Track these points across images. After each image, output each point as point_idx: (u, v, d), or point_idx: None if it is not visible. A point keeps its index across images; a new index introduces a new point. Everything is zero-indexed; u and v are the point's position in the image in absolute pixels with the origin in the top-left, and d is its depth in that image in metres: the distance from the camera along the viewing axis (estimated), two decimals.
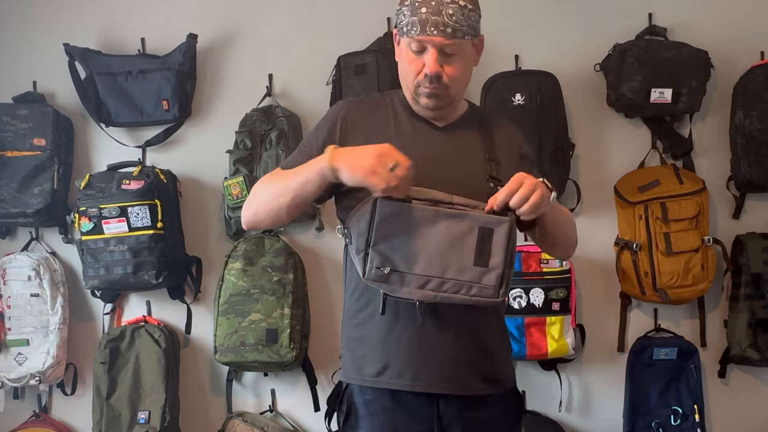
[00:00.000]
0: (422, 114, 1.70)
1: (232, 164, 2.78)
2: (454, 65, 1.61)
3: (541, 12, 2.85)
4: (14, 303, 2.85)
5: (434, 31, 1.57)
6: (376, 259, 1.55)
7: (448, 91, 1.64)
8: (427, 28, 1.57)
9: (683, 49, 2.65)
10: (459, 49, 1.61)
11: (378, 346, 1.62)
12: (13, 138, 2.85)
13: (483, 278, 1.53)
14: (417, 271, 1.54)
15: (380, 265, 1.54)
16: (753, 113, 2.62)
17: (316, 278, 2.85)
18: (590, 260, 2.75)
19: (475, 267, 1.53)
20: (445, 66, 1.61)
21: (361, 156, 1.51)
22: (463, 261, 1.53)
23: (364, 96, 1.98)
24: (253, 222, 1.69)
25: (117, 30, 3.01)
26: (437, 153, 1.66)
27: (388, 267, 1.54)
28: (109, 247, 2.72)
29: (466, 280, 1.53)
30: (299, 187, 1.59)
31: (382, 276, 1.54)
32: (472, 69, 1.69)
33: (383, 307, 1.57)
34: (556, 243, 1.78)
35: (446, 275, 1.54)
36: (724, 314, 2.71)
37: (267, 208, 1.65)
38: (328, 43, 2.85)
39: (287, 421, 2.85)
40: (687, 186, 2.61)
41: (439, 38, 1.57)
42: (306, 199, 1.61)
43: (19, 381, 2.82)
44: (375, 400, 1.64)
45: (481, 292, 1.53)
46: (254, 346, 2.64)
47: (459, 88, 1.66)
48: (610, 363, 2.74)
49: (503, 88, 2.68)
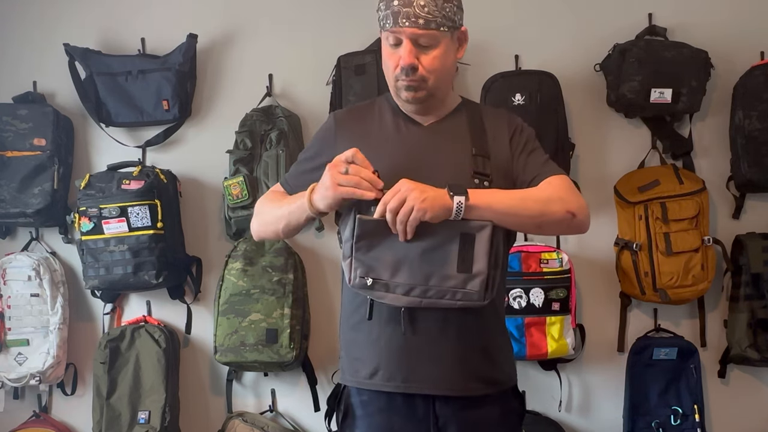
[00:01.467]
0: (408, 110, 1.70)
1: (232, 164, 2.78)
2: (431, 57, 1.61)
3: (541, 12, 2.85)
4: (14, 303, 2.85)
5: (405, 22, 1.58)
6: (359, 267, 1.56)
7: (426, 84, 1.63)
8: (399, 19, 1.58)
9: (683, 49, 2.65)
10: (434, 41, 1.60)
11: (370, 349, 1.63)
12: (13, 138, 2.85)
13: (467, 284, 1.53)
14: (400, 280, 1.55)
15: (364, 274, 1.56)
16: (753, 113, 2.62)
17: (316, 278, 2.85)
18: (590, 260, 2.75)
19: (459, 273, 1.53)
20: (421, 57, 1.61)
21: (323, 181, 1.56)
22: (446, 269, 1.53)
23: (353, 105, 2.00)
24: (258, 237, 1.81)
25: (117, 30, 3.01)
26: (421, 151, 1.66)
27: (371, 276, 1.56)
28: (109, 247, 2.72)
29: (450, 287, 1.53)
30: (288, 217, 1.68)
31: (366, 285, 1.56)
32: (454, 62, 1.68)
33: (370, 312, 1.60)
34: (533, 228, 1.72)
35: (430, 283, 1.54)
36: (724, 314, 2.71)
37: (267, 229, 1.75)
38: (328, 43, 2.85)
39: (287, 421, 2.85)
40: (687, 186, 2.61)
41: (411, 29, 1.58)
42: (297, 227, 1.70)
43: (19, 381, 2.82)
44: (371, 401, 1.64)
45: (466, 297, 1.53)
46: (254, 346, 2.64)
47: (439, 80, 1.65)
48: (610, 363, 2.74)
49: (503, 88, 2.68)
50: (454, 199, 1.51)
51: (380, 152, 1.64)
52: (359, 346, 1.65)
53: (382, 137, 1.68)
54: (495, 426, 1.66)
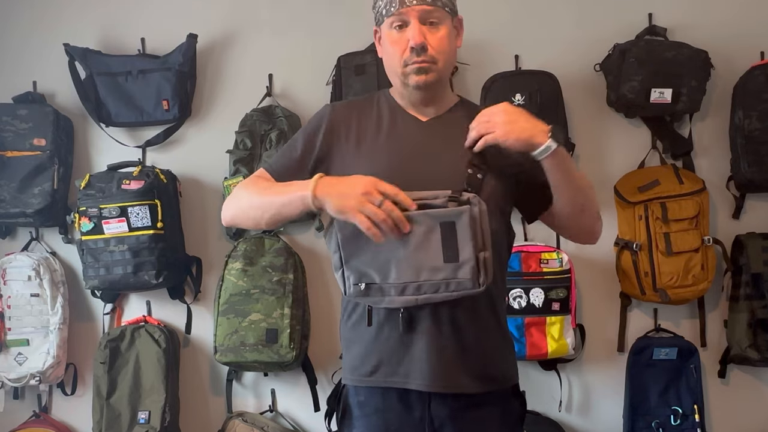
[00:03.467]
0: (412, 101, 1.69)
1: (232, 164, 2.78)
2: (438, 37, 1.62)
3: (541, 12, 2.85)
4: (14, 303, 2.85)
5: (413, 1, 1.59)
6: (351, 276, 1.56)
7: (436, 65, 1.63)
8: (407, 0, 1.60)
9: (683, 49, 2.65)
10: (441, 20, 1.62)
11: (370, 346, 1.62)
12: (13, 138, 2.85)
13: (458, 273, 1.50)
14: (392, 281, 1.53)
15: (357, 281, 1.55)
16: (753, 113, 2.62)
17: (316, 278, 2.84)
18: (590, 260, 2.75)
19: (447, 264, 1.50)
20: (429, 36, 1.61)
21: (347, 193, 1.49)
22: (434, 261, 1.51)
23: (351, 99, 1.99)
24: (231, 223, 1.72)
25: (117, 30, 3.01)
26: (419, 147, 1.65)
27: (364, 282, 1.55)
28: (109, 247, 2.72)
29: (442, 279, 1.51)
30: (280, 206, 1.59)
31: (361, 291, 1.55)
32: (456, 49, 1.69)
33: (369, 319, 1.59)
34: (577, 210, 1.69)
35: (421, 278, 1.52)
36: (724, 314, 2.71)
37: (247, 215, 1.66)
38: (328, 43, 2.85)
39: (287, 421, 2.85)
40: (687, 186, 2.61)
41: (420, 6, 1.59)
42: (286, 218, 1.62)
43: (19, 381, 2.82)
44: (368, 401, 1.64)
45: (460, 287, 1.51)
46: (254, 346, 2.64)
47: (446, 63, 1.65)
48: (610, 363, 2.74)
49: (503, 88, 2.68)
50: (549, 138, 1.53)
51: (378, 147, 1.64)
52: (358, 344, 1.65)
53: (380, 132, 1.67)
54: (494, 426, 1.65)
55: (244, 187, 1.69)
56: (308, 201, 1.54)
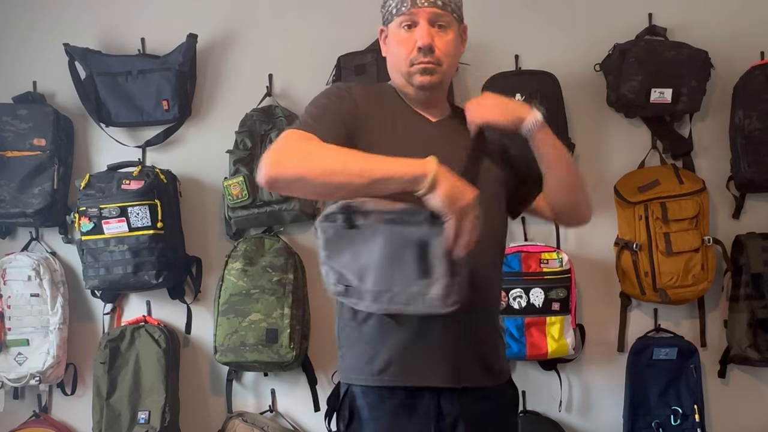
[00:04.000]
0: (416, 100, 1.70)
1: (232, 164, 2.78)
2: (445, 40, 1.64)
3: (541, 12, 2.85)
4: (14, 303, 2.85)
5: (425, 2, 1.61)
6: (332, 275, 1.56)
7: (441, 67, 1.64)
8: (419, 0, 1.62)
9: (683, 49, 2.65)
10: (449, 24, 1.64)
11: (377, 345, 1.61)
12: (13, 138, 2.85)
13: (430, 289, 1.49)
14: (368, 287, 1.53)
15: (335, 282, 1.56)
16: (753, 113, 2.62)
17: (316, 278, 2.83)
18: (590, 260, 2.75)
19: (419, 280, 1.49)
20: (436, 39, 1.63)
21: (462, 194, 1.43)
22: (407, 274, 1.49)
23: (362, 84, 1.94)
24: (283, 182, 1.46)
25: (117, 30, 3.02)
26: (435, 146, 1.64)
27: (342, 283, 1.55)
28: (109, 247, 2.72)
29: (414, 293, 1.50)
30: (382, 178, 1.42)
31: (340, 291, 1.56)
32: (459, 55, 1.71)
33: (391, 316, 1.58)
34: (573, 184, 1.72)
35: (394, 289, 1.51)
36: (724, 314, 2.71)
37: (323, 179, 1.43)
38: (328, 43, 2.85)
39: (287, 421, 2.85)
40: (687, 186, 2.61)
41: (431, 8, 1.62)
42: (379, 192, 1.45)
43: (19, 381, 2.82)
44: (378, 402, 1.61)
45: (431, 304, 1.49)
46: (254, 346, 2.64)
47: (449, 67, 1.67)
48: (610, 363, 2.73)
49: (503, 88, 2.67)
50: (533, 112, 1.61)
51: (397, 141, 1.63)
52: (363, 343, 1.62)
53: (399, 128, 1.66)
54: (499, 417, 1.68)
55: (307, 142, 1.47)
56: (422, 181, 1.41)
